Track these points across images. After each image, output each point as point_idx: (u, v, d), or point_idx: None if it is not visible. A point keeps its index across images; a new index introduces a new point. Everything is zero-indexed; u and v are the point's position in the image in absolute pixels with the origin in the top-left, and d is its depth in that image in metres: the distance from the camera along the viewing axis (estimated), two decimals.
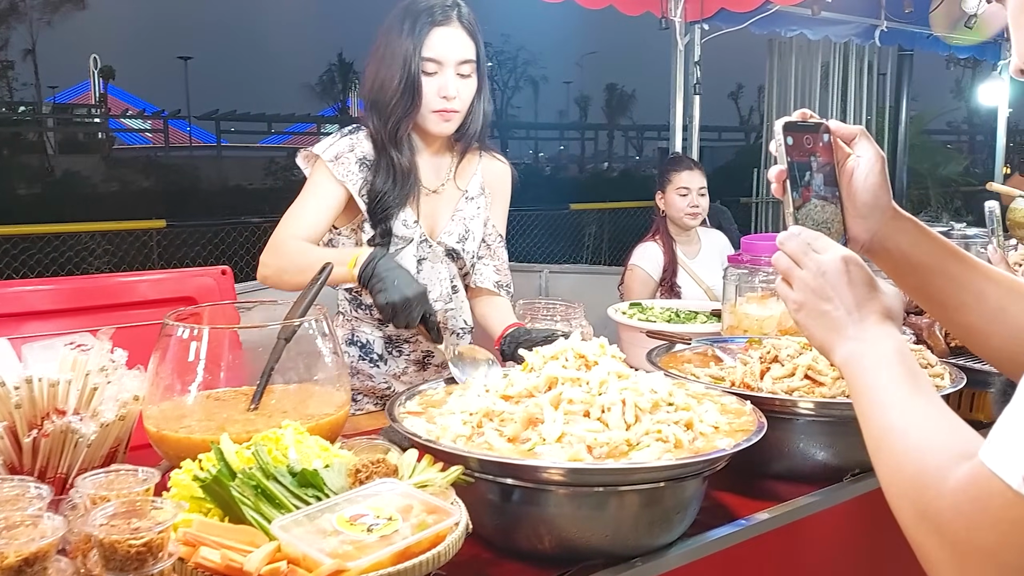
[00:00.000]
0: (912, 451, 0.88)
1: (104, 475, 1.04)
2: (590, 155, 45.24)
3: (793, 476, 1.53)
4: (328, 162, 2.06)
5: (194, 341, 1.36)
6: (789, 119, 1.19)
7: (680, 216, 3.67)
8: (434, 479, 1.14)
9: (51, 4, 35.14)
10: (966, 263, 1.18)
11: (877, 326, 1.03)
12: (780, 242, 1.11)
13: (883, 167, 1.18)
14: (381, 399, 2.23)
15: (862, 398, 0.99)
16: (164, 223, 7.90)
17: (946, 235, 3.17)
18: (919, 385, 0.96)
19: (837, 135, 1.19)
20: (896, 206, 1.20)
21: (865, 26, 5.96)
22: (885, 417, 0.94)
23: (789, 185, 1.15)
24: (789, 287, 1.10)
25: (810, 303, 1.07)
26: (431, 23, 2.02)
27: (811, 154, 1.17)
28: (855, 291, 1.04)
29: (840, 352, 1.04)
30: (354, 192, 2.06)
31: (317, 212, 2.06)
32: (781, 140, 1.17)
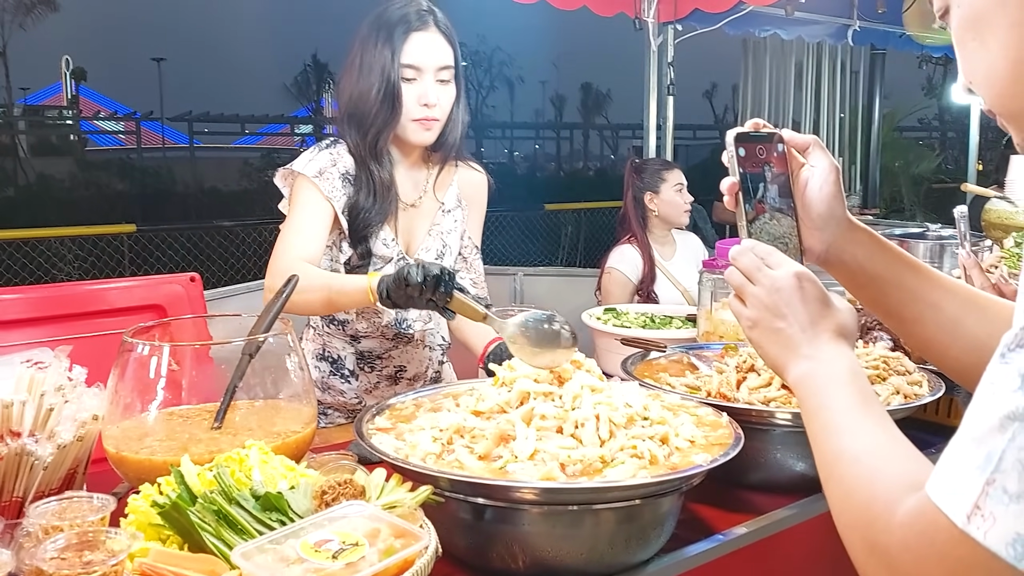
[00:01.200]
0: (862, 480, 0.86)
1: (56, 503, 1.00)
2: (566, 154, 45.32)
3: (770, 487, 1.51)
4: (313, 178, 1.98)
5: (155, 357, 1.32)
6: (741, 130, 1.16)
7: (679, 213, 3.70)
8: (403, 500, 1.11)
9: (23, 6, 34.71)
10: (922, 274, 1.17)
11: (830, 344, 1.01)
12: (733, 257, 1.08)
13: (837, 177, 1.16)
14: (352, 413, 2.19)
15: (814, 420, 0.97)
16: (135, 227, 7.80)
17: (921, 236, 3.16)
18: (870, 409, 0.94)
19: (791, 145, 1.16)
20: (851, 217, 1.18)
21: (838, 26, 5.99)
22: (836, 442, 0.92)
23: (742, 198, 1.12)
24: (742, 303, 1.08)
25: (764, 320, 1.05)
26: (408, 29, 1.97)
27: (765, 164, 1.14)
28: (809, 308, 1.02)
29: (793, 371, 1.02)
30: (338, 210, 1.99)
31: (314, 229, 1.97)
32: (733, 152, 1.13)
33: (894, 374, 1.65)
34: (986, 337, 0.72)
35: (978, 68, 0.86)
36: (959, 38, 0.87)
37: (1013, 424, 0.66)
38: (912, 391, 1.59)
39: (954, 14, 0.87)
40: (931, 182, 10.93)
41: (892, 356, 1.70)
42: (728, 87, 40.65)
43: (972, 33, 0.85)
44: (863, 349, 1.74)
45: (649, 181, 3.73)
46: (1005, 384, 0.68)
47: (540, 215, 10.61)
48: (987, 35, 0.83)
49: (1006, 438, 0.66)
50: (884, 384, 1.61)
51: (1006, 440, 0.66)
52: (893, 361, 1.68)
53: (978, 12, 0.83)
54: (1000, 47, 0.82)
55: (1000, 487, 0.66)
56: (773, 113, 9.11)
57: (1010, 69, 0.82)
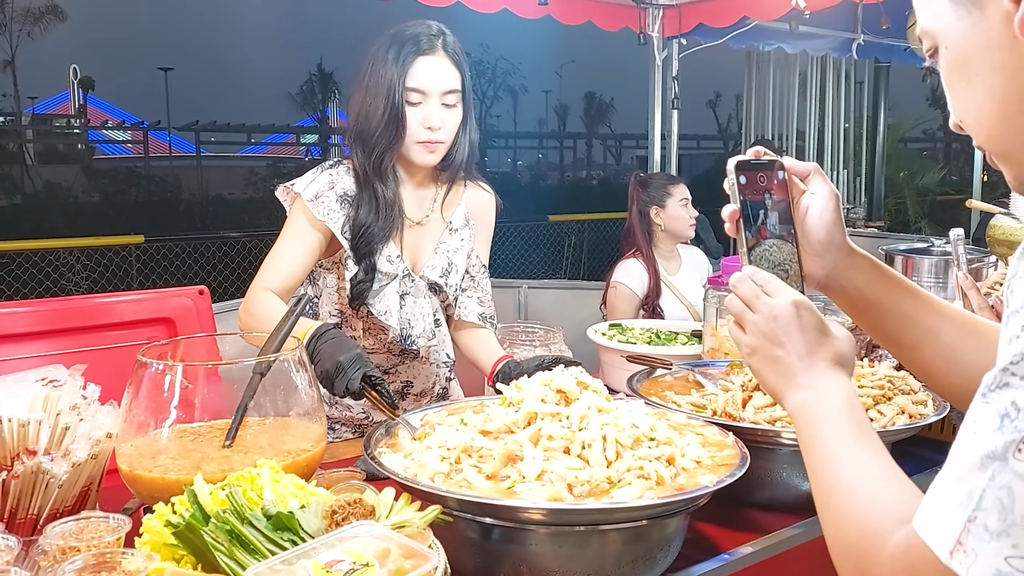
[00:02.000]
0: (855, 512, 0.88)
1: (73, 523, 1.02)
2: (569, 164, 45.37)
3: (776, 506, 1.53)
4: (308, 201, 2.02)
5: (167, 376, 1.34)
6: (742, 158, 1.17)
7: (684, 227, 3.72)
8: (412, 519, 1.12)
9: (32, 15, 34.92)
10: (921, 300, 1.18)
11: (828, 373, 1.03)
12: (733, 285, 1.10)
13: (837, 204, 1.18)
14: (359, 427, 2.21)
15: (811, 450, 0.99)
16: (142, 238, 7.84)
17: (925, 251, 3.17)
18: (865, 440, 0.95)
19: (791, 172, 1.18)
20: (851, 243, 1.20)
21: (842, 40, 6.00)
22: (832, 473, 0.94)
23: (742, 225, 1.14)
24: (742, 331, 1.10)
25: (762, 348, 1.07)
26: (416, 52, 1.99)
27: (765, 192, 1.16)
28: (806, 336, 1.04)
29: (791, 400, 1.04)
30: (336, 230, 2.02)
31: (294, 260, 2.03)
32: (734, 179, 1.15)
33: (899, 393, 1.66)
34: (985, 364, 0.73)
35: (967, 108, 0.89)
36: (948, 79, 0.89)
37: (993, 463, 0.68)
38: (917, 411, 1.60)
39: (942, 55, 0.89)
40: (936, 194, 10.94)
41: (897, 375, 1.71)
42: (732, 97, 40.65)
43: (960, 75, 0.87)
44: (868, 368, 1.75)
45: (655, 195, 3.74)
46: (986, 424, 0.70)
47: (544, 226, 10.61)
48: (973, 77, 0.86)
49: (987, 477, 0.69)
50: (889, 404, 1.62)
51: (987, 479, 0.68)
52: (898, 380, 1.69)
53: (965, 55, 0.86)
54: (986, 89, 0.85)
55: (981, 524, 0.68)
56: (777, 124, 9.13)
57: (997, 110, 0.84)
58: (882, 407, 1.60)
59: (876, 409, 1.59)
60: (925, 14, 0.90)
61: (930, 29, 0.89)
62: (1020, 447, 0.67)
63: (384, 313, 2.06)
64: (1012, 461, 0.67)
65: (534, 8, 4.20)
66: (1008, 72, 0.82)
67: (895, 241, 4.52)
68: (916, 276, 3.09)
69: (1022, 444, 0.67)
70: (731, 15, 4.59)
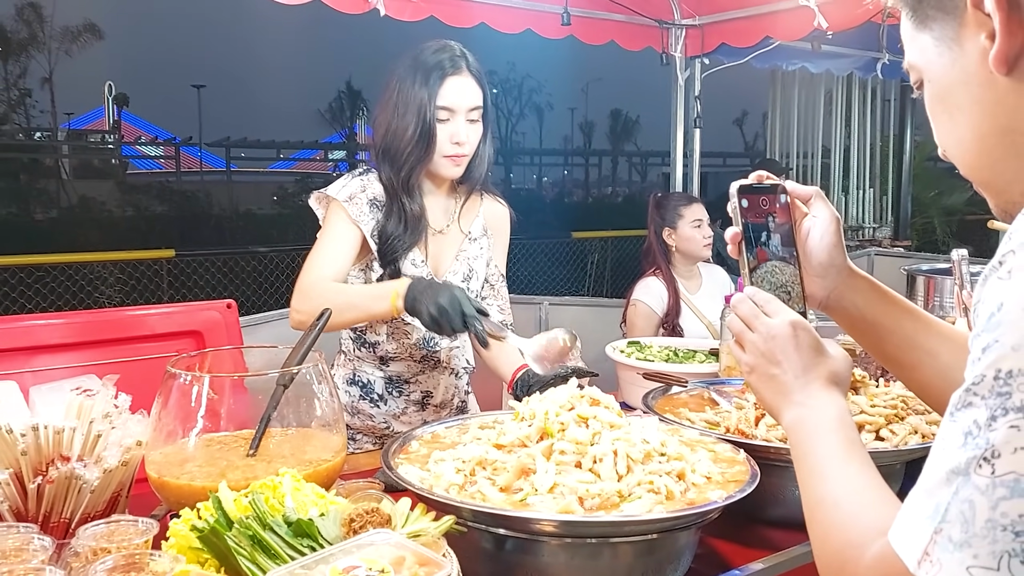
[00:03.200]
0: (838, 525, 0.91)
1: (104, 526, 1.07)
2: (594, 181, 45.37)
3: (788, 524, 1.53)
4: (344, 202, 2.11)
5: (195, 387, 1.39)
6: (744, 182, 1.21)
7: (698, 248, 3.71)
8: (427, 528, 1.16)
9: (70, 34, 35.63)
10: (920, 322, 1.22)
11: (822, 391, 1.06)
12: (733, 305, 1.14)
13: (838, 227, 1.22)
14: (380, 438, 2.26)
15: (801, 465, 1.03)
16: (173, 252, 7.99)
17: (947, 272, 3.15)
18: (853, 456, 0.99)
19: (794, 196, 1.22)
20: (852, 265, 1.23)
21: (867, 59, 6.00)
22: (820, 487, 0.98)
23: (744, 247, 1.18)
24: (742, 350, 1.13)
25: (760, 367, 1.10)
26: (444, 74, 2.08)
27: (768, 215, 1.19)
28: (802, 356, 1.08)
29: (786, 417, 1.08)
30: (366, 233, 2.11)
31: (339, 254, 2.11)
32: (736, 203, 1.19)
33: (912, 413, 1.67)
34: None
35: (949, 140, 0.93)
36: (931, 111, 0.94)
37: (957, 478, 0.72)
38: (930, 431, 1.60)
39: (926, 88, 0.93)
40: (964, 214, 10.82)
41: (910, 395, 1.72)
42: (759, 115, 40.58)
43: (942, 107, 0.92)
44: (883, 388, 1.77)
45: (668, 217, 3.75)
46: (952, 441, 0.74)
47: (567, 242, 10.62)
48: (954, 110, 0.90)
49: (951, 491, 0.72)
50: (902, 423, 1.63)
51: (951, 493, 0.72)
52: (912, 400, 1.70)
53: (946, 89, 0.90)
54: (966, 121, 0.88)
55: (946, 536, 0.72)
56: (802, 142, 9.11)
57: (976, 142, 0.88)
58: (894, 426, 1.61)
59: (888, 428, 1.60)
60: (911, 49, 0.94)
61: (915, 63, 0.93)
62: (981, 463, 0.70)
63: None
64: (974, 476, 0.70)
65: (557, 28, 4.25)
66: (985, 106, 0.86)
67: (919, 261, 4.50)
68: (938, 296, 3.07)
69: (983, 460, 0.70)
70: (753, 35, 4.61)
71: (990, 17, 0.81)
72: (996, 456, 0.69)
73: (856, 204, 9.24)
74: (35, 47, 35.04)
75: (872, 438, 1.59)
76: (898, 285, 1.51)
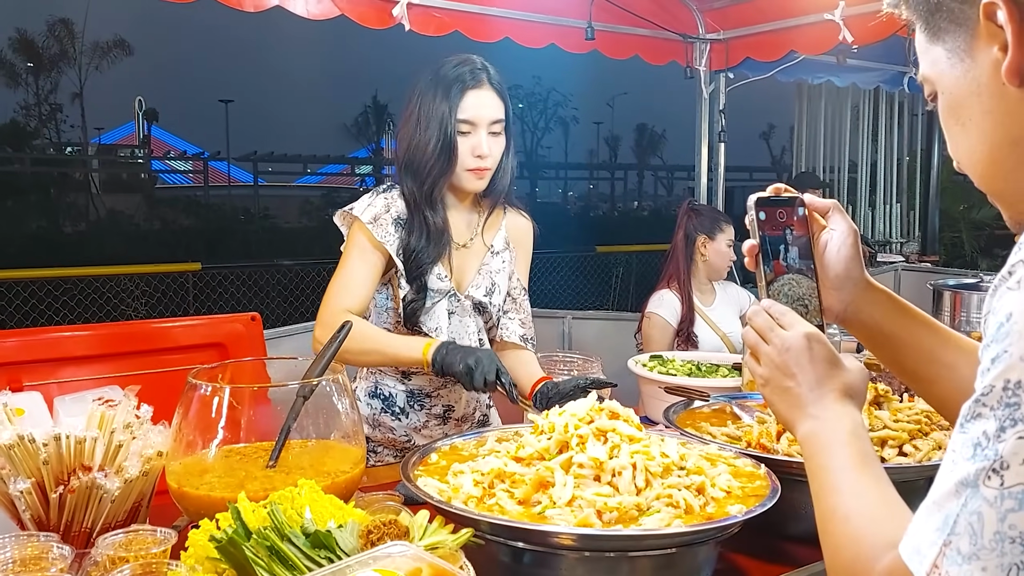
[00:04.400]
0: (850, 538, 0.91)
1: (123, 535, 1.08)
2: (620, 195, 45.31)
3: (810, 539, 1.50)
4: (368, 224, 2.11)
5: (216, 398, 1.40)
6: (762, 194, 1.21)
7: (723, 266, 3.70)
8: (444, 541, 1.16)
9: (100, 50, 36.23)
10: (939, 335, 1.21)
11: (836, 404, 1.06)
12: (748, 317, 1.14)
13: (856, 240, 1.21)
14: (401, 451, 2.26)
15: (815, 477, 1.02)
16: (199, 266, 8.06)
17: (975, 287, 3.12)
18: (866, 469, 0.98)
19: (812, 208, 1.22)
20: (869, 278, 1.22)
21: (893, 73, 5.97)
22: (832, 500, 0.97)
23: (761, 259, 1.17)
24: (757, 362, 1.13)
25: (775, 379, 1.10)
26: (464, 88, 2.09)
27: (785, 228, 1.19)
28: (816, 368, 1.07)
29: (800, 429, 1.07)
30: (392, 252, 2.11)
31: (363, 281, 2.11)
32: (754, 215, 1.18)
33: (937, 428, 1.65)
34: None
35: (962, 151, 0.92)
36: (944, 122, 0.93)
37: (966, 490, 0.72)
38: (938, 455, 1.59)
39: (940, 100, 0.93)
40: (993, 228, 10.68)
41: (934, 410, 1.70)
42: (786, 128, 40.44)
43: (954, 119, 0.91)
44: (906, 403, 1.75)
45: (708, 226, 3.70)
46: (961, 452, 0.73)
47: (591, 257, 10.61)
48: (966, 121, 0.90)
49: (960, 503, 0.72)
50: (926, 439, 1.61)
51: (960, 505, 0.72)
52: (936, 415, 1.68)
53: (958, 100, 0.90)
54: (977, 132, 0.89)
55: (955, 548, 0.71)
56: (829, 155, 9.06)
57: (988, 153, 0.89)
58: (918, 442, 1.59)
59: (912, 444, 1.58)
60: (924, 61, 0.94)
61: (928, 75, 0.93)
62: (989, 474, 0.70)
63: (435, 330, 2.14)
64: (982, 488, 0.70)
65: (581, 43, 4.26)
66: (997, 117, 0.86)
67: (946, 276, 4.45)
68: (965, 311, 3.05)
69: (991, 472, 0.70)
70: (778, 49, 4.59)
71: (1003, 29, 0.81)
72: (1005, 467, 0.69)
73: (883, 219, 9.17)
74: (66, 63, 35.68)
75: (895, 453, 1.57)
76: (924, 300, 1.49)
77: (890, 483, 0.96)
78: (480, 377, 1.87)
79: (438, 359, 1.94)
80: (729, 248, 3.69)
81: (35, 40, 34.72)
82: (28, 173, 26.97)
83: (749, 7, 4.68)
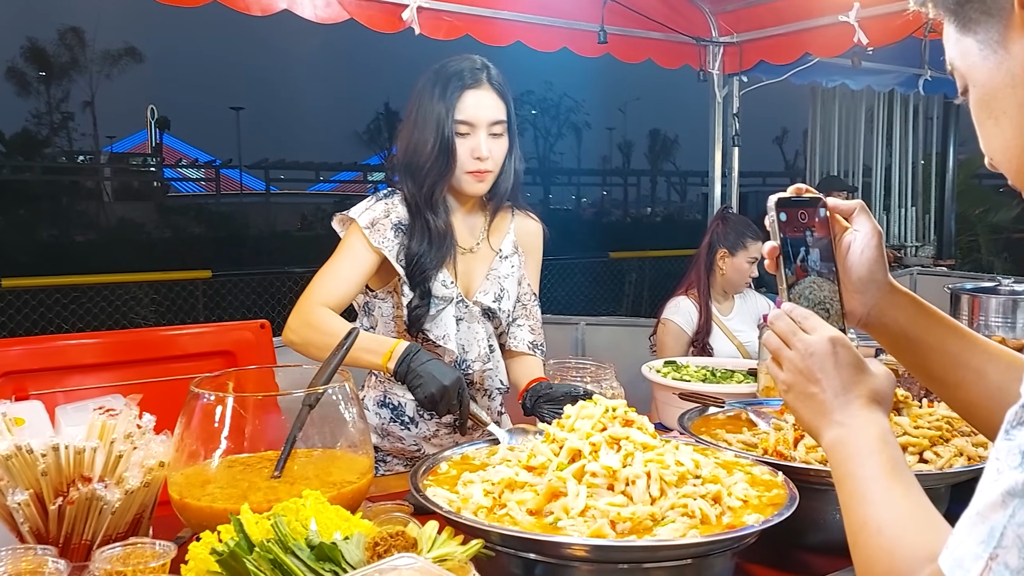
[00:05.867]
0: (882, 550, 0.88)
1: (121, 548, 1.05)
2: (633, 200, 45.17)
3: (830, 549, 1.48)
4: (364, 228, 2.07)
5: (219, 407, 1.37)
6: (783, 195, 1.17)
7: (740, 281, 3.63)
8: (453, 553, 1.13)
9: (111, 57, 36.42)
10: (966, 339, 1.17)
11: (863, 410, 1.02)
12: (770, 321, 1.10)
13: (880, 241, 1.17)
14: (411, 460, 2.22)
15: (843, 487, 0.99)
16: (210, 273, 8.05)
17: (992, 291, 3.08)
18: (897, 477, 0.95)
19: (836, 211, 1.18)
20: (893, 281, 1.18)
21: (908, 76, 5.90)
22: (863, 511, 0.94)
23: (782, 262, 1.14)
24: (779, 367, 1.09)
25: (798, 385, 1.06)
26: (462, 86, 2.04)
27: (806, 229, 1.15)
28: (842, 373, 1.03)
29: (826, 437, 1.03)
30: (391, 258, 2.07)
31: (348, 279, 2.07)
32: (774, 216, 1.15)
33: (958, 435, 1.61)
34: None
35: (995, 146, 0.89)
36: (976, 116, 0.90)
37: (1013, 500, 0.68)
38: (976, 453, 1.55)
39: (971, 93, 0.89)
40: (1011, 231, 10.59)
41: (955, 416, 1.65)
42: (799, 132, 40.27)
43: (987, 113, 0.88)
44: (926, 408, 1.70)
45: (732, 240, 3.61)
46: (1007, 460, 0.70)
47: (604, 263, 10.59)
48: (1000, 115, 0.86)
49: (1007, 514, 0.69)
50: (947, 445, 1.57)
51: (1007, 516, 0.69)
52: (957, 422, 1.64)
53: (991, 93, 0.86)
54: (1012, 126, 0.85)
55: (1002, 563, 0.68)
56: (843, 160, 8.99)
57: (1023, 148, 0.85)
58: (938, 448, 1.55)
59: (933, 451, 1.55)
60: (954, 54, 0.91)
61: (959, 68, 0.90)
62: None
63: (442, 337, 2.10)
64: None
65: (593, 47, 4.22)
66: None
67: (963, 280, 4.40)
68: (983, 316, 3.00)
69: None
70: (792, 52, 4.55)
71: None
72: None
73: (898, 223, 9.09)
74: (77, 71, 35.85)
75: (916, 460, 1.53)
76: (941, 304, 1.45)
77: (922, 491, 0.92)
78: (443, 408, 1.82)
79: (400, 373, 1.87)
80: (751, 265, 3.60)
81: (46, 48, 34.89)
82: (40, 182, 27.10)
83: (762, 9, 4.63)
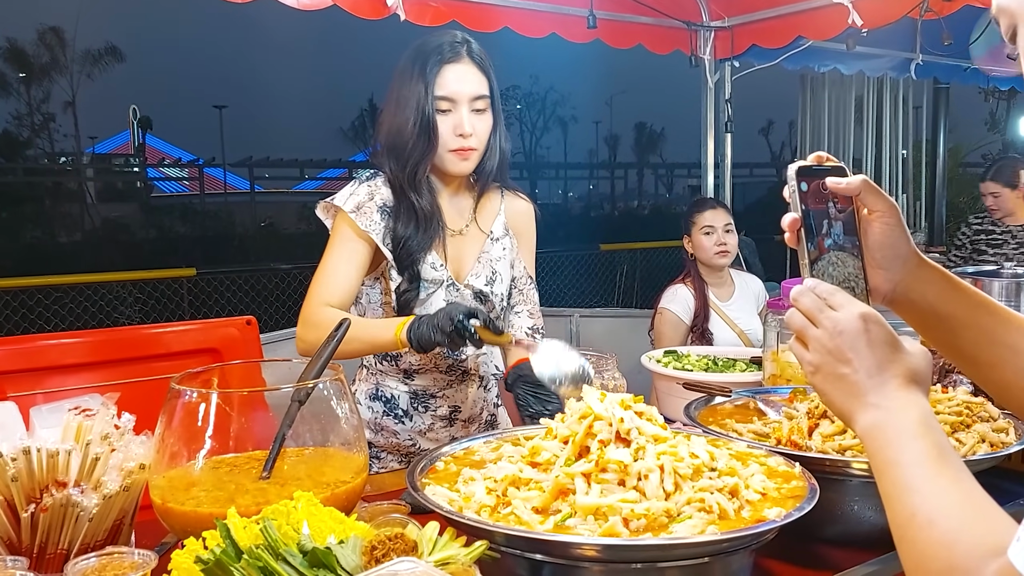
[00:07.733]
0: (937, 545, 0.80)
1: (96, 559, 0.97)
2: (620, 194, 45.20)
3: (848, 541, 1.42)
4: (351, 213, 2.00)
5: (202, 404, 1.29)
6: (803, 163, 1.10)
7: (710, 256, 3.58)
8: (456, 555, 1.06)
9: (91, 57, 36.08)
10: (999, 316, 1.09)
11: (900, 391, 0.94)
12: (793, 298, 1.02)
13: (898, 214, 1.10)
14: (406, 456, 2.15)
15: (884, 476, 0.91)
16: (194, 271, 7.95)
17: (995, 274, 3.03)
18: (946, 463, 0.87)
19: (838, 191, 1.09)
20: (920, 254, 1.11)
21: (900, 60, 5.86)
22: (909, 502, 0.86)
23: (804, 235, 1.06)
24: (804, 347, 1.01)
25: (827, 366, 0.98)
26: (441, 61, 1.98)
27: (829, 200, 1.07)
28: (875, 352, 0.95)
29: (861, 421, 0.95)
30: (378, 241, 2.01)
31: (347, 274, 2.01)
32: (795, 186, 1.07)
33: (978, 420, 1.55)
34: None
35: None
36: None
37: None
38: (999, 439, 1.49)
39: (1021, 35, 0.82)
40: None
41: (975, 401, 1.60)
42: (785, 123, 40.19)
43: None
44: (943, 394, 1.64)
45: (685, 224, 3.70)
46: None
47: (595, 255, 10.58)
48: None
49: None
50: (968, 432, 1.51)
51: None
52: (977, 407, 1.58)
53: None
54: None
55: None
56: (832, 149, 8.95)
57: None
58: (960, 435, 1.50)
59: (954, 437, 1.49)
60: None
61: (1007, 7, 0.82)
62: None
63: None
64: None
65: (583, 32, 4.15)
66: None
67: (950, 266, 4.37)
68: None
69: None
70: (785, 35, 4.49)
71: None
72: None
73: None
74: (57, 71, 35.50)
75: None
76: None
77: (973, 478, 0.85)
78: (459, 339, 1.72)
79: (413, 340, 1.78)
80: (707, 235, 3.59)
81: (25, 49, 34.56)
82: (22, 184, 26.84)
83: None
